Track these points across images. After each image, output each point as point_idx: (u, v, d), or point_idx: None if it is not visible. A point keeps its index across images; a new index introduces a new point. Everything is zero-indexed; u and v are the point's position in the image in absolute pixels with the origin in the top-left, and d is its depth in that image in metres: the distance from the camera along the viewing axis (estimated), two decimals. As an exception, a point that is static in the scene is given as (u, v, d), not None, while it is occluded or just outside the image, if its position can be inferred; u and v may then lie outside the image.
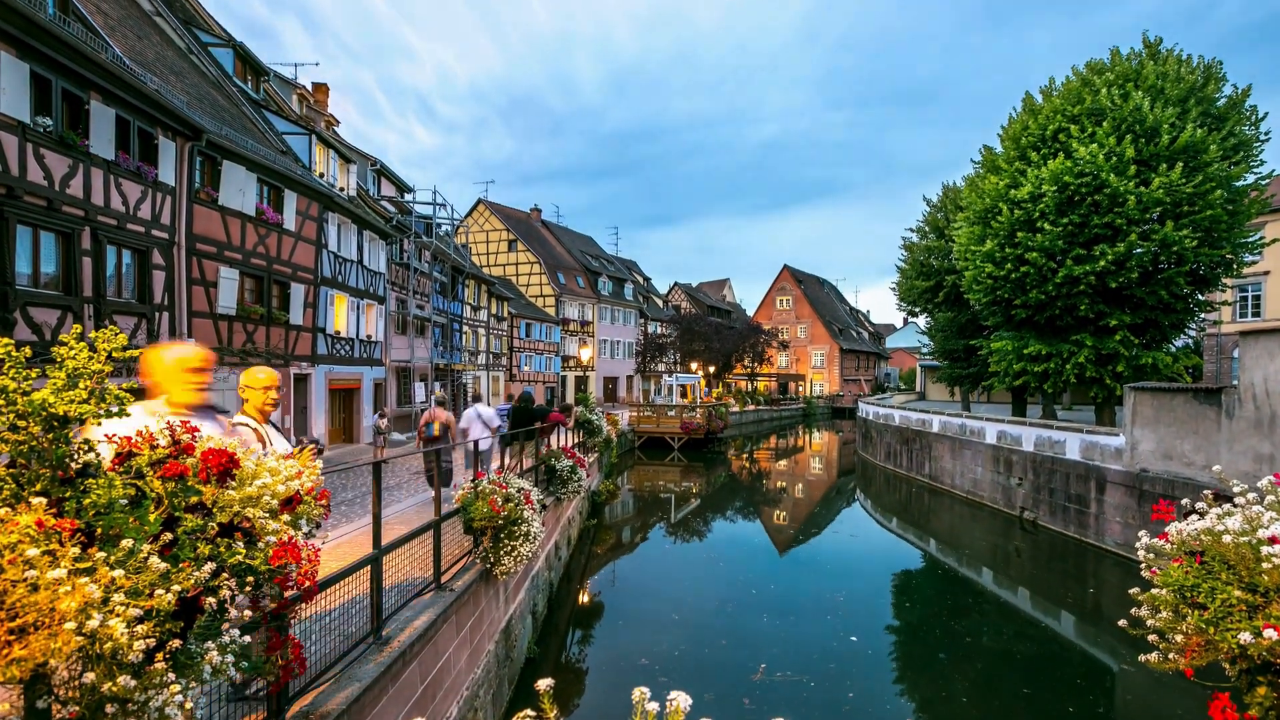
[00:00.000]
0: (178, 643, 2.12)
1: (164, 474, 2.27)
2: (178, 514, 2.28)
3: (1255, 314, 25.27)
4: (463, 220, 48.78)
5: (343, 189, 21.68)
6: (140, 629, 1.93)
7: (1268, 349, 12.22)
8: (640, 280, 67.05)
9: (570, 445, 15.56)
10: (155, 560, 2.05)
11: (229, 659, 2.33)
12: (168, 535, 2.20)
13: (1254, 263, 19.18)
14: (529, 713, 2.22)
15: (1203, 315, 20.86)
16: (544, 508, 10.12)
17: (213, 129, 14.24)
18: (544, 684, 2.20)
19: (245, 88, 19.82)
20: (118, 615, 1.88)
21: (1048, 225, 17.56)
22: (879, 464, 31.96)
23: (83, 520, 2.02)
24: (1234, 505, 3.47)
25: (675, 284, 76.19)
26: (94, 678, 1.90)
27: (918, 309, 31.47)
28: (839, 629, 11.70)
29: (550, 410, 14.03)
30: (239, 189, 15.22)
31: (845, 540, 19.60)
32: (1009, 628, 12.33)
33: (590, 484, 19.14)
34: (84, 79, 11.09)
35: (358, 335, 21.66)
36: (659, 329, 62.37)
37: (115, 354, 2.34)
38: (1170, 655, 3.44)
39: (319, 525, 3.23)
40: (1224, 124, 17.39)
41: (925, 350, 41.31)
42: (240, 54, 19.90)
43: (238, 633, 2.47)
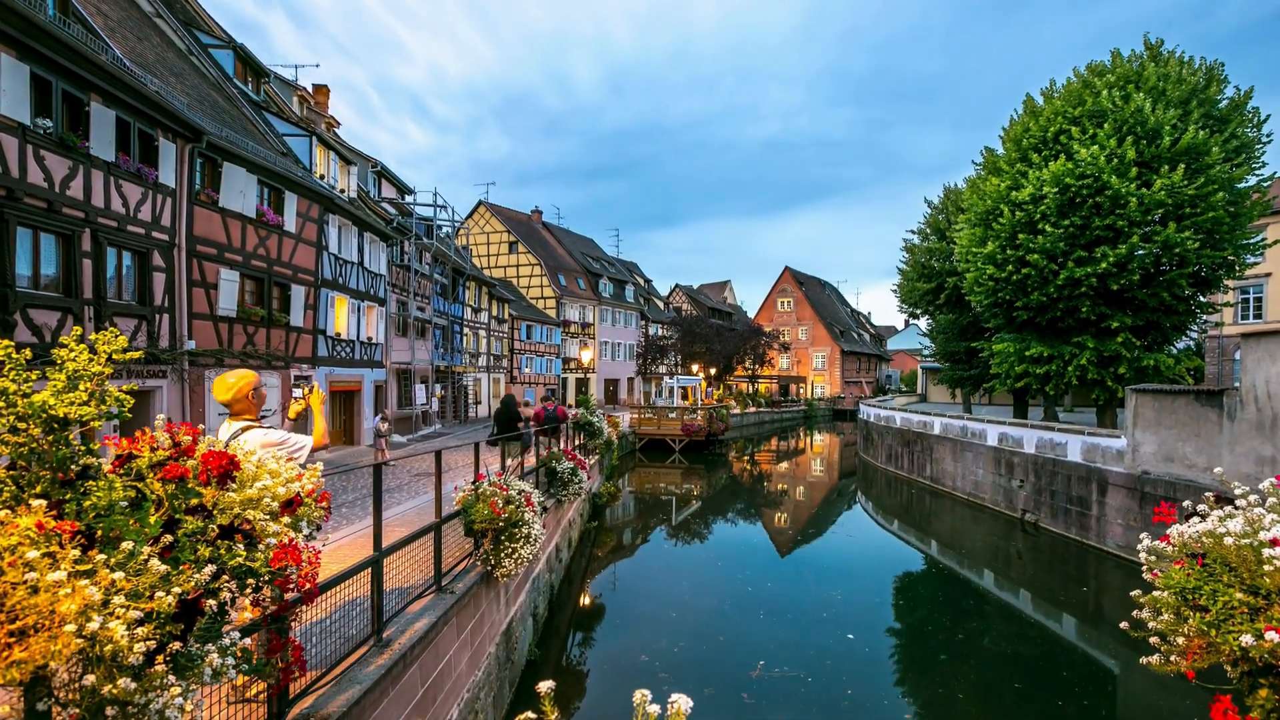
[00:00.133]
0: (178, 645, 2.12)
1: (164, 476, 2.27)
2: (178, 516, 2.28)
3: (1257, 316, 25.24)
4: (463, 222, 48.82)
5: (343, 191, 21.71)
6: (140, 631, 1.93)
7: (1269, 351, 12.20)
8: (641, 282, 67.10)
9: (571, 447, 15.55)
10: (155, 562, 2.05)
11: (229, 661, 2.33)
12: (168, 537, 2.20)
13: (1256, 264, 19.16)
14: (530, 715, 2.22)
15: (1204, 317, 20.84)
16: (545, 510, 10.12)
17: (213, 131, 14.27)
18: (545, 686, 2.20)
19: (246, 89, 19.85)
20: (118, 617, 1.88)
21: (1049, 227, 17.55)
22: (880, 466, 31.93)
23: (83, 522, 2.02)
24: (1235, 507, 3.46)
25: (676, 286, 76.32)
26: (94, 680, 1.90)
27: (919, 311, 31.46)
28: (837, 628, 11.75)
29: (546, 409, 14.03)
30: (239, 191, 15.24)
31: (845, 541, 19.59)
32: (1009, 629, 12.31)
33: (591, 486, 19.12)
34: (84, 80, 11.11)
35: (358, 337, 21.67)
36: (660, 331, 62.38)
37: (115, 356, 2.35)
38: (1172, 658, 3.43)
39: (319, 527, 3.23)
40: (1226, 126, 17.37)
41: (926, 352, 41.31)
42: (241, 55, 19.93)
43: (238, 635, 2.47)
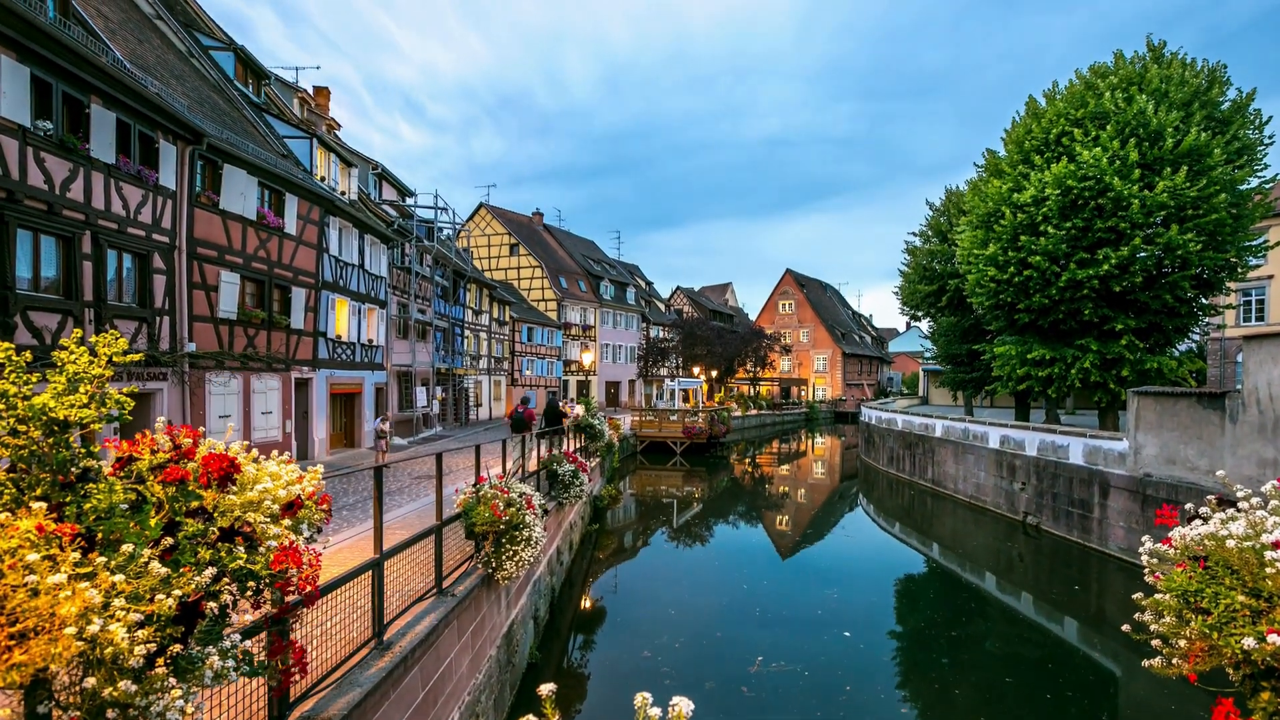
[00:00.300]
0: (179, 647, 2.11)
1: (165, 478, 2.27)
2: (179, 519, 2.28)
3: (1259, 318, 25.19)
4: (464, 224, 48.86)
5: (344, 193, 21.73)
6: (141, 634, 1.93)
7: (1271, 353, 12.18)
8: (642, 284, 67.11)
9: (572, 450, 15.55)
10: (156, 565, 2.05)
11: (230, 663, 2.33)
12: (168, 540, 2.20)
13: (1258, 266, 19.09)
14: (531, 718, 2.21)
15: (1207, 319, 20.84)
16: (546, 513, 10.11)
17: (213, 133, 14.28)
18: (546, 689, 2.20)
19: (246, 91, 19.88)
20: (118, 620, 1.88)
21: (1051, 229, 17.53)
22: (882, 469, 31.90)
23: (83, 525, 2.02)
24: (1238, 510, 3.46)
25: (677, 288, 76.36)
26: (95, 683, 1.89)
27: (921, 313, 31.45)
28: (835, 627, 11.83)
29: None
30: (240, 193, 15.26)
31: (846, 544, 19.56)
32: (1010, 631, 12.29)
33: (592, 489, 19.11)
34: (85, 83, 11.11)
35: (359, 339, 21.68)
36: (661, 333, 62.36)
37: (116, 358, 2.35)
38: (1174, 660, 3.43)
39: (320, 530, 3.23)
40: (1228, 128, 17.35)
41: (928, 354, 41.31)
42: (241, 57, 19.96)
43: (239, 637, 2.47)
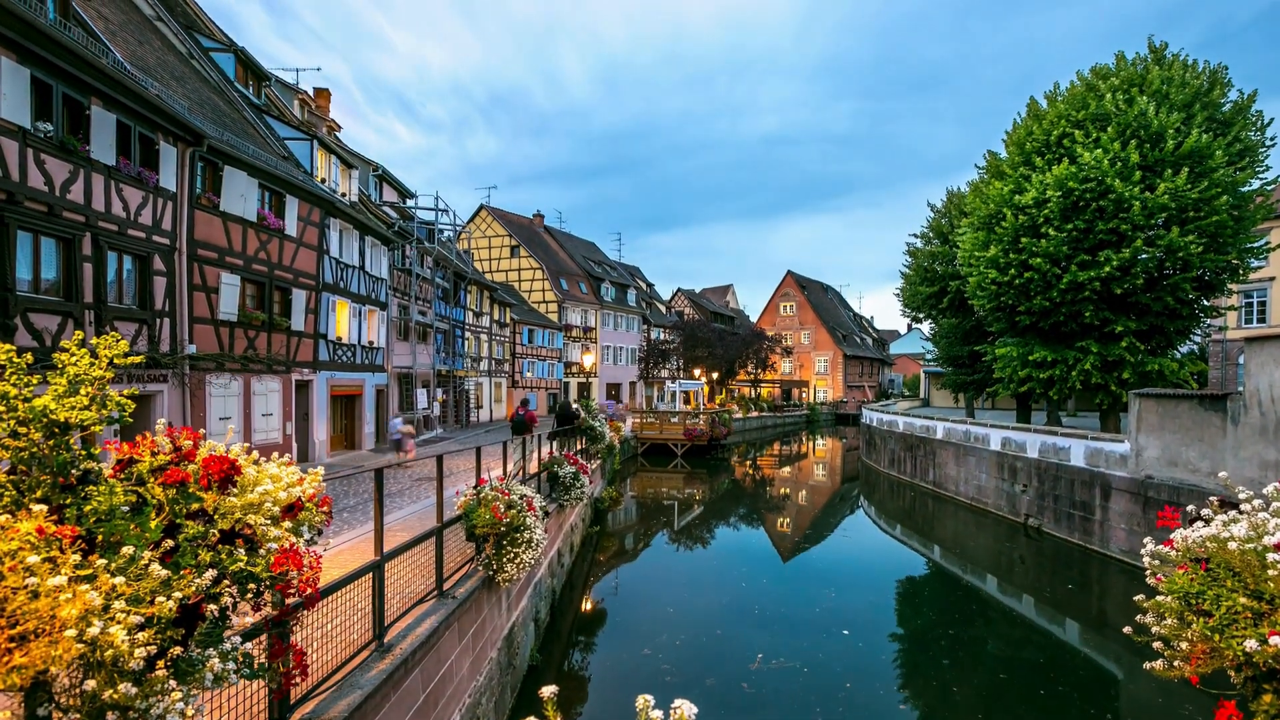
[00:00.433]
0: (179, 650, 2.11)
1: (165, 481, 2.27)
2: (179, 521, 2.28)
3: (1261, 320, 25.17)
4: (465, 226, 48.89)
5: (344, 194, 21.76)
6: (141, 636, 1.93)
7: (1273, 355, 12.16)
8: (643, 286, 67.14)
9: (573, 451, 15.54)
10: (156, 567, 2.04)
11: (231, 666, 2.32)
12: (169, 542, 2.19)
13: (1259, 268, 19.08)
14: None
15: (1208, 321, 20.81)
16: (546, 515, 10.11)
17: (214, 134, 14.30)
18: (547, 691, 2.20)
19: (247, 93, 19.90)
20: (119, 622, 1.88)
21: (1052, 231, 17.52)
22: (883, 471, 31.86)
23: (84, 527, 2.02)
24: (1240, 512, 3.45)
25: (678, 290, 76.39)
26: (95, 685, 1.89)
27: (922, 315, 31.43)
28: (834, 626, 11.91)
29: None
30: (240, 194, 15.27)
31: (847, 545, 19.54)
32: (1011, 633, 12.26)
33: (593, 490, 19.10)
34: (85, 84, 11.12)
35: (359, 341, 21.70)
36: (662, 335, 62.36)
37: (116, 360, 2.35)
38: (1175, 663, 3.42)
39: (320, 532, 3.23)
40: (1229, 129, 17.32)
41: (929, 356, 41.27)
42: (242, 59, 19.99)
43: (239, 639, 2.46)
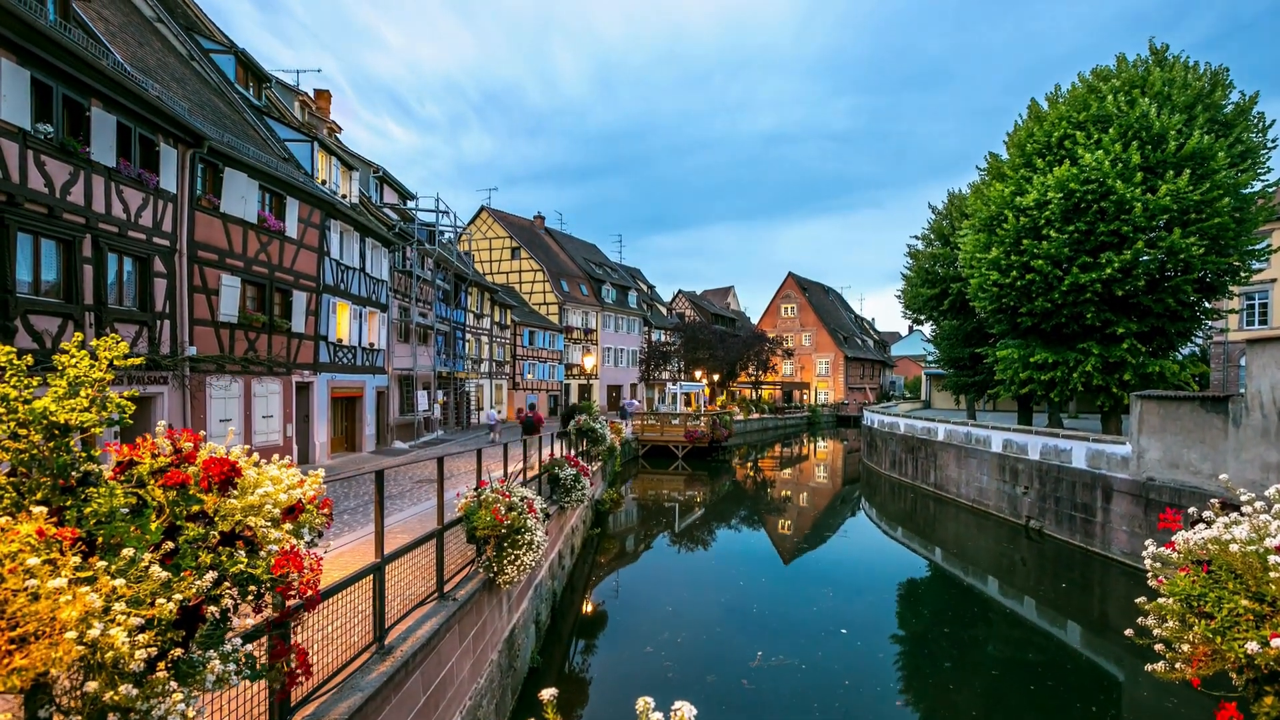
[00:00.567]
0: (180, 651, 2.11)
1: (165, 483, 2.27)
2: (179, 523, 2.27)
3: (1262, 322, 25.14)
4: (465, 227, 48.94)
5: (345, 196, 21.77)
6: (142, 638, 1.93)
7: (1275, 357, 12.15)
8: (644, 288, 67.16)
9: (574, 453, 15.54)
10: (156, 569, 2.04)
11: (232, 668, 2.32)
12: (169, 544, 2.19)
13: (1261, 270, 19.06)
14: (531, 723, 2.21)
15: (1210, 323, 20.76)
16: (547, 516, 10.10)
17: (214, 136, 14.31)
18: (548, 694, 2.19)
19: (247, 94, 19.93)
20: (119, 624, 1.87)
21: (1053, 232, 17.50)
22: (884, 473, 31.83)
23: (84, 529, 2.02)
24: (1241, 514, 3.45)
25: (679, 291, 76.38)
26: (95, 687, 1.89)
27: (923, 317, 31.38)
28: (834, 626, 11.95)
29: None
30: (241, 196, 15.29)
31: (848, 547, 19.51)
32: (1012, 635, 12.24)
33: (594, 493, 19.09)
34: (85, 86, 11.13)
35: (360, 343, 21.70)
36: (663, 337, 62.36)
37: (117, 362, 2.35)
38: (1177, 665, 3.41)
39: (321, 534, 3.23)
40: (1231, 131, 17.29)
41: (930, 358, 41.23)
42: (242, 60, 20.02)
43: (240, 641, 2.46)
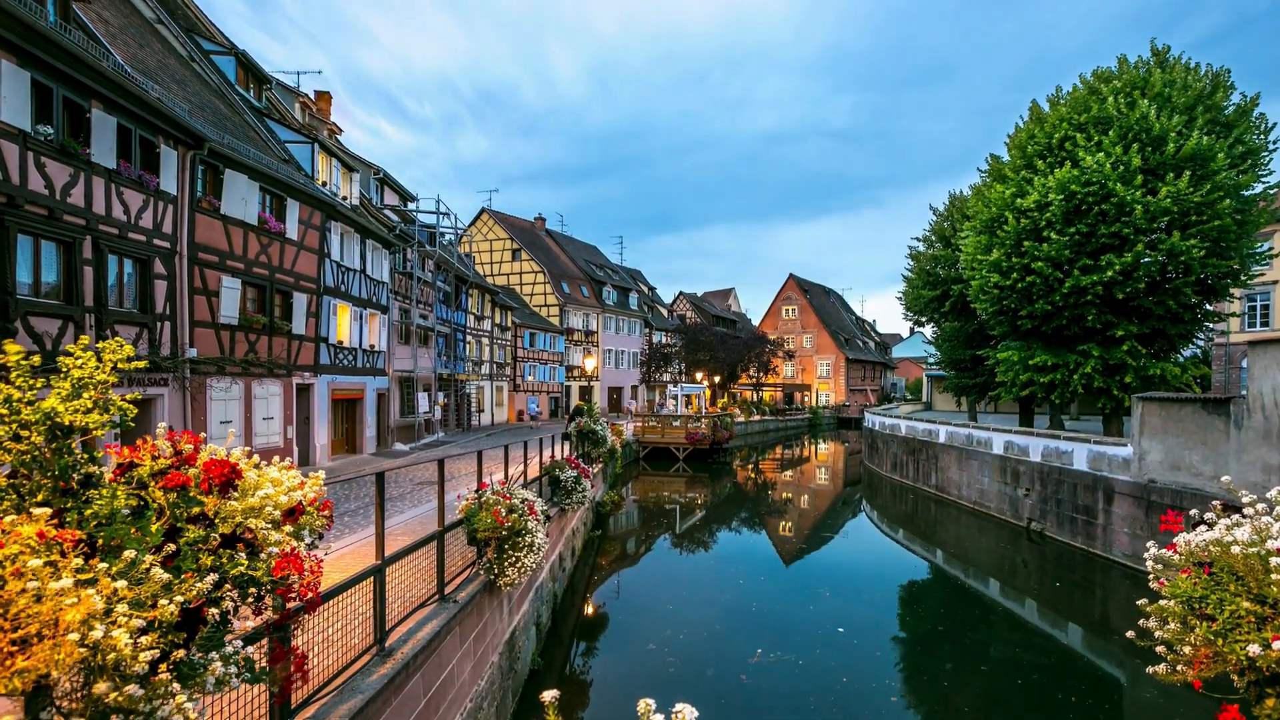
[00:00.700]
0: (181, 653, 2.11)
1: (166, 485, 2.27)
2: (180, 525, 2.28)
3: (1264, 324, 25.13)
4: (466, 229, 48.99)
5: (345, 198, 21.79)
6: (144, 640, 1.93)
7: (1276, 359, 12.14)
8: (645, 289, 67.16)
9: (574, 455, 15.54)
10: (158, 571, 2.04)
11: (233, 669, 2.32)
12: (170, 546, 2.20)
13: (1262, 273, 19.04)
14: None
15: (1211, 325, 20.75)
16: (548, 518, 10.10)
17: (215, 137, 14.32)
18: (549, 695, 2.19)
19: (248, 96, 19.94)
20: (121, 626, 1.88)
21: (1054, 234, 17.49)
22: (885, 474, 31.81)
23: (85, 531, 2.02)
24: (1243, 516, 3.44)
25: (680, 293, 76.39)
26: (104, 689, 1.89)
27: (924, 318, 31.36)
28: (833, 626, 12.01)
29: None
30: (241, 198, 15.29)
31: (848, 548, 19.50)
32: (1013, 636, 12.22)
33: (595, 495, 19.09)
34: (85, 87, 11.12)
35: (361, 345, 21.71)
36: (664, 338, 62.35)
37: (120, 365, 2.35)
38: (1178, 667, 3.41)
39: (321, 536, 3.23)
40: (1232, 132, 17.28)
41: (932, 360, 41.19)
42: (243, 62, 20.04)
43: (241, 643, 2.46)
